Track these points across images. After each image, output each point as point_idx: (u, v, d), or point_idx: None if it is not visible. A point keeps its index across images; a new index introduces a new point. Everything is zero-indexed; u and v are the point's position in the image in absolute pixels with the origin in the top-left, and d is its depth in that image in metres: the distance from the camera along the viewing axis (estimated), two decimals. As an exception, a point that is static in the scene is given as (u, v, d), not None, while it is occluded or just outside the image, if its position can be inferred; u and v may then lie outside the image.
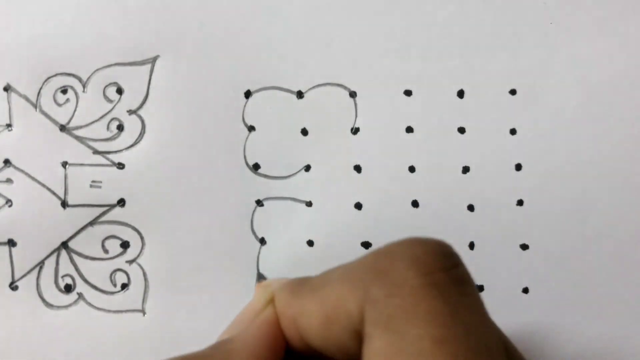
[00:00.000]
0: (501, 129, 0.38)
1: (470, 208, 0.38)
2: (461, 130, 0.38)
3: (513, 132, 0.38)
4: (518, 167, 0.38)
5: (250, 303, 0.26)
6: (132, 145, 0.38)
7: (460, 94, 0.38)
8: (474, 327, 0.20)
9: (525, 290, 0.37)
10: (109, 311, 0.37)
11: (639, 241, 0.37)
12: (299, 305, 0.23)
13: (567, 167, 0.38)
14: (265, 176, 0.38)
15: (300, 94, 0.38)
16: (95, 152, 0.38)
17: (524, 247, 0.38)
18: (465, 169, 0.38)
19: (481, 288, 0.37)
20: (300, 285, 0.24)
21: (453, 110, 0.38)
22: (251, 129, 0.38)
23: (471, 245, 0.38)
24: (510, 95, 0.38)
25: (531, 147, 0.38)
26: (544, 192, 0.38)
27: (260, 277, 0.37)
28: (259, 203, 0.38)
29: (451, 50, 0.38)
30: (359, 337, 0.21)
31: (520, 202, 0.38)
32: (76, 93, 0.38)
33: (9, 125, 0.38)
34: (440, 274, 0.21)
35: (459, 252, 0.24)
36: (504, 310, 0.37)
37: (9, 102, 0.38)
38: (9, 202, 0.37)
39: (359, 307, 0.21)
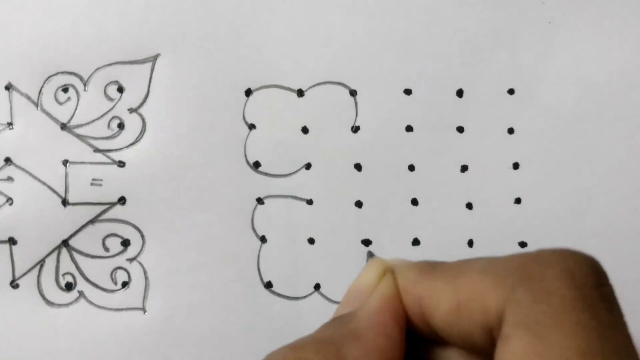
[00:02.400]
0: (499, 128, 0.38)
1: (469, 206, 0.38)
2: (460, 129, 0.38)
3: (511, 131, 0.38)
4: (516, 165, 0.38)
5: (361, 278, 0.25)
6: (132, 144, 0.38)
7: (459, 93, 0.38)
8: (621, 346, 0.20)
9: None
10: (109, 309, 0.37)
11: (636, 238, 0.38)
12: (428, 286, 0.23)
13: (564, 165, 0.38)
14: (266, 174, 0.38)
15: (300, 93, 0.38)
16: (96, 150, 0.38)
17: (522, 244, 0.38)
18: (464, 168, 0.38)
19: (480, 285, 0.38)
20: (432, 267, 0.24)
21: (452, 109, 0.38)
22: (252, 127, 0.38)
23: (470, 243, 0.38)
24: (508, 95, 0.38)
25: (529, 145, 0.38)
26: (542, 190, 0.38)
27: (370, 254, 0.37)
28: (260, 201, 0.38)
29: (450, 50, 0.38)
30: (489, 334, 0.21)
31: (518, 200, 0.38)
32: (77, 91, 0.38)
33: (10, 124, 0.38)
34: (592, 290, 0.21)
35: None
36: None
37: (10, 101, 0.38)
38: (9, 200, 0.37)
39: (498, 305, 0.21)
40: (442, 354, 0.24)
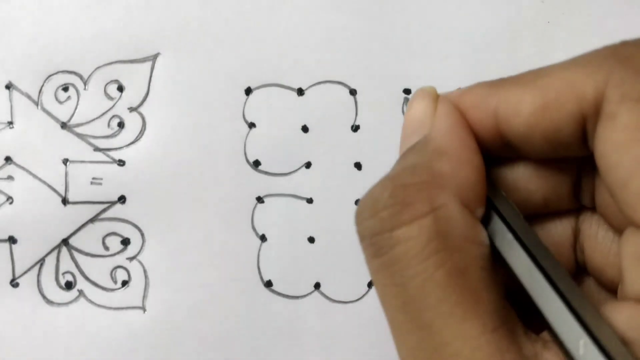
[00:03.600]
0: (499, 127, 0.38)
1: (469, 205, 0.38)
2: (459, 128, 0.38)
3: (510, 131, 0.38)
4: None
5: (414, 110, 0.25)
6: (132, 143, 0.38)
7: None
8: None
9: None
10: (109, 308, 0.37)
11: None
12: (505, 95, 0.23)
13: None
14: (266, 173, 0.38)
15: (300, 91, 0.38)
16: (96, 149, 0.38)
17: (522, 243, 0.38)
18: (407, 91, 0.38)
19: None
20: (502, 81, 0.24)
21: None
22: (252, 125, 0.38)
23: (470, 242, 0.38)
24: (507, 94, 0.38)
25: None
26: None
27: (407, 91, 0.37)
28: (260, 200, 0.38)
29: (451, 50, 0.38)
30: (581, 125, 0.22)
31: (518, 200, 0.38)
32: (77, 90, 0.38)
33: (10, 123, 0.38)
34: None
35: None
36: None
37: (10, 100, 0.38)
38: (9, 199, 0.37)
39: (597, 88, 0.21)
40: (509, 171, 0.25)
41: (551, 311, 0.21)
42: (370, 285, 0.37)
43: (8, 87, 0.38)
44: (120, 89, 0.38)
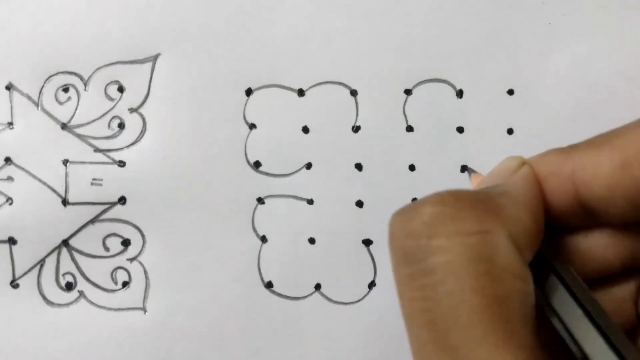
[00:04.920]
0: (499, 128, 0.38)
1: (470, 206, 0.38)
2: (460, 129, 0.38)
3: (510, 131, 0.38)
4: (516, 166, 0.38)
5: (500, 166, 0.26)
6: (133, 143, 0.38)
7: (460, 93, 0.38)
8: None
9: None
10: (109, 309, 0.37)
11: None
12: (578, 160, 0.23)
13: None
14: (266, 174, 0.38)
15: (301, 92, 0.38)
16: (96, 150, 0.38)
17: (523, 244, 0.38)
18: (464, 168, 0.38)
19: (481, 285, 0.38)
20: (573, 147, 0.24)
21: (452, 109, 0.38)
22: (252, 126, 0.38)
23: (470, 243, 0.38)
24: (508, 95, 0.38)
25: (528, 146, 0.38)
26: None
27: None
28: (260, 201, 0.38)
29: (450, 50, 0.38)
30: None
31: (518, 201, 0.38)
32: (77, 91, 0.38)
33: (10, 124, 0.38)
34: None
35: None
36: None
37: (10, 101, 0.38)
38: (9, 200, 0.37)
39: None
40: (584, 239, 0.25)
41: None
42: (370, 286, 0.37)
43: (8, 87, 0.38)
44: (121, 89, 0.38)
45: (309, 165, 0.38)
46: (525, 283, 0.21)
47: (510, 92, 0.38)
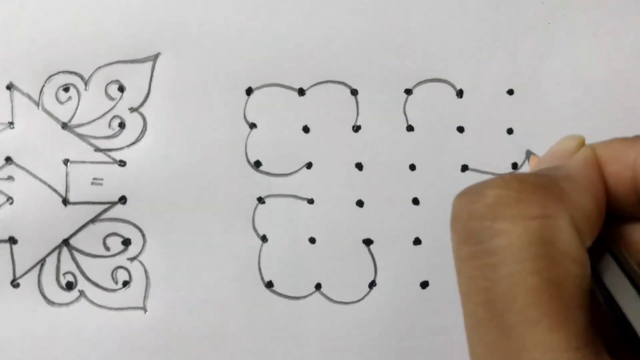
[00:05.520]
0: (499, 128, 0.38)
1: (470, 206, 0.38)
2: (460, 129, 0.38)
3: (510, 131, 0.38)
4: (514, 165, 0.38)
5: (558, 146, 0.26)
6: (133, 143, 0.38)
7: (460, 93, 0.38)
8: None
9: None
10: (110, 308, 0.37)
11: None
12: None
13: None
14: (267, 173, 0.38)
15: (301, 92, 0.38)
16: (97, 149, 0.38)
17: (523, 244, 0.38)
18: (464, 167, 0.38)
19: (481, 285, 0.38)
20: (638, 136, 0.24)
21: (452, 109, 0.38)
22: (252, 126, 0.38)
23: (471, 243, 0.38)
24: (508, 95, 0.38)
25: (528, 146, 0.38)
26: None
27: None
28: (261, 200, 0.38)
29: (451, 50, 0.38)
30: None
31: (518, 200, 0.38)
32: (78, 91, 0.38)
33: (11, 123, 0.38)
34: None
35: None
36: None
37: (11, 100, 0.38)
38: (10, 199, 0.37)
39: None
40: (637, 232, 0.25)
41: None
42: (370, 286, 0.37)
43: (9, 87, 0.38)
44: (121, 89, 0.38)
45: (309, 165, 0.38)
46: (583, 267, 0.22)
47: (510, 92, 0.38)
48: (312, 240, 0.38)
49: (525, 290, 0.20)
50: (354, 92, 0.38)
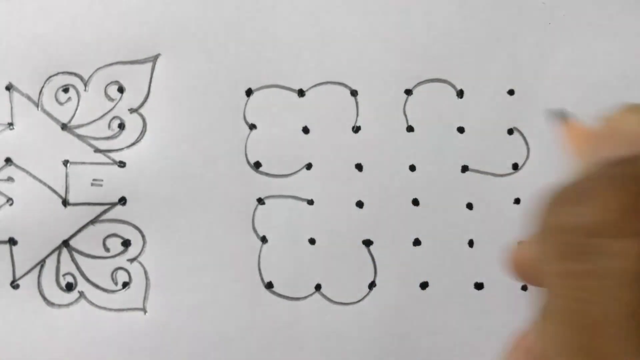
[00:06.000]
0: (499, 128, 0.38)
1: (469, 206, 0.38)
2: (460, 129, 0.38)
3: (510, 132, 0.38)
4: (515, 166, 0.38)
5: (625, 124, 0.22)
6: (133, 144, 0.38)
7: (460, 93, 0.38)
8: None
9: (525, 288, 0.38)
10: (110, 309, 0.37)
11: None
12: None
13: (564, 166, 0.38)
14: (267, 174, 0.38)
15: (301, 93, 0.38)
16: (97, 150, 0.38)
17: (523, 244, 0.38)
18: (464, 168, 0.38)
19: (481, 285, 0.38)
20: None
21: (452, 109, 0.38)
22: (252, 127, 0.38)
23: (470, 243, 0.38)
24: (508, 95, 0.38)
25: (528, 146, 0.38)
26: (542, 191, 0.38)
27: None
28: (260, 201, 0.38)
29: (451, 50, 0.38)
30: None
31: (517, 201, 0.38)
32: (78, 92, 0.38)
33: (10, 124, 0.38)
34: None
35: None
36: (504, 307, 0.37)
37: (10, 101, 0.38)
38: (10, 200, 0.37)
39: None
40: None
41: None
42: (370, 286, 0.38)
43: (8, 88, 0.38)
44: (121, 90, 0.38)
45: (309, 166, 0.38)
46: None
47: (511, 92, 0.38)
48: (312, 241, 0.38)
49: (630, 319, 0.18)
50: (354, 93, 0.38)
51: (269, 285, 0.37)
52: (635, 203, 0.18)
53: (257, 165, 0.38)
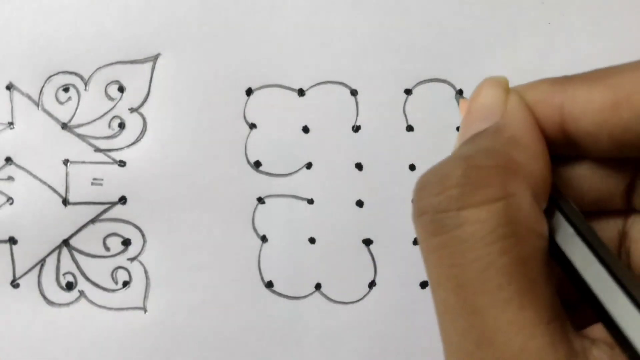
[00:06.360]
0: (499, 128, 0.38)
1: (470, 206, 0.38)
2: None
3: (510, 131, 0.38)
4: (516, 165, 0.38)
5: (483, 96, 0.25)
6: (133, 143, 0.38)
7: (460, 93, 0.38)
8: None
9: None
10: (110, 309, 0.37)
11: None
12: (572, 92, 0.23)
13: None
14: (267, 174, 0.38)
15: (301, 92, 0.38)
16: (97, 150, 0.38)
17: (523, 244, 0.38)
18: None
19: (481, 285, 0.38)
20: (566, 79, 0.24)
21: (452, 109, 0.38)
22: (252, 126, 0.38)
23: (470, 243, 0.38)
24: (508, 95, 0.38)
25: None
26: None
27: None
28: (260, 201, 0.38)
29: (451, 50, 0.38)
30: None
31: (518, 200, 0.38)
32: (78, 91, 0.38)
33: (10, 124, 0.38)
34: None
35: None
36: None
37: (11, 100, 0.38)
38: (10, 199, 0.37)
39: None
40: (564, 169, 0.25)
41: (615, 305, 0.21)
42: (370, 286, 0.37)
43: (8, 87, 0.38)
44: (121, 89, 0.38)
45: (309, 165, 0.38)
46: (544, 239, 0.22)
47: (511, 92, 0.38)
48: (312, 240, 0.38)
49: (495, 272, 0.20)
50: (354, 93, 0.38)
51: (269, 285, 0.37)
52: (476, 177, 0.21)
53: (257, 164, 0.38)
